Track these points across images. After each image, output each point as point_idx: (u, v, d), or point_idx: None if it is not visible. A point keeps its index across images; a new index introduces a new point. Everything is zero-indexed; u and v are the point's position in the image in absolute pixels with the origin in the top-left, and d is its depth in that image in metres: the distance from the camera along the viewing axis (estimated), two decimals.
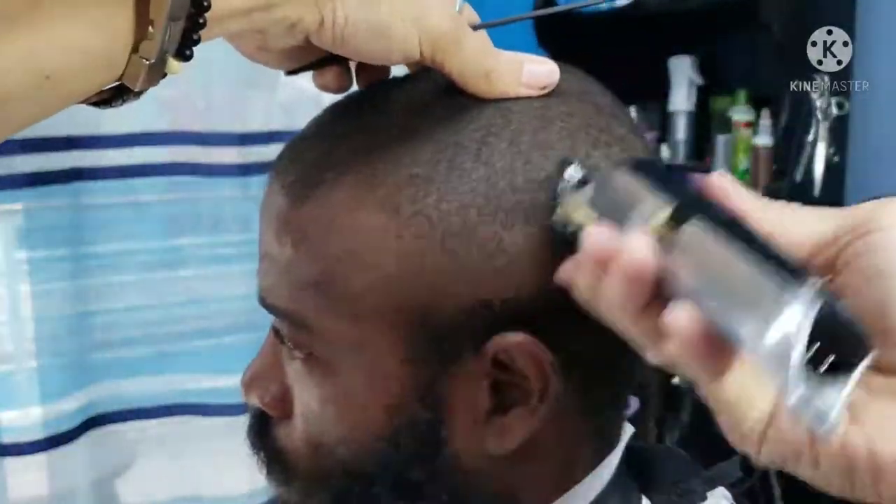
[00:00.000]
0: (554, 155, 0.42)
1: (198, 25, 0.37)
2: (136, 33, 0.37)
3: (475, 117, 0.43)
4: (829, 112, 1.35)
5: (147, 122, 1.38)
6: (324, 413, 0.46)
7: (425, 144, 0.42)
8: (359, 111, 0.46)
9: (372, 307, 0.43)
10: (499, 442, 0.44)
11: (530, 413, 0.43)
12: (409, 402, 0.44)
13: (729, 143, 1.77)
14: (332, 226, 0.43)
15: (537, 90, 0.44)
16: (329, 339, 0.44)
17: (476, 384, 0.43)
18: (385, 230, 0.42)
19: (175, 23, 0.36)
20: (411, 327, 0.42)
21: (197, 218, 1.55)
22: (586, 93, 0.46)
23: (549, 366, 0.42)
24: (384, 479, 0.45)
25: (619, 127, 0.45)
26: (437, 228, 0.41)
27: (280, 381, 0.48)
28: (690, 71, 1.84)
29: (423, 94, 0.45)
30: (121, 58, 0.37)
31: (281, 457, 0.49)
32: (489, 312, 0.42)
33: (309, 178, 0.44)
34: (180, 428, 1.46)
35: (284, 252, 0.44)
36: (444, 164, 0.42)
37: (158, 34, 0.36)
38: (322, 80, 0.48)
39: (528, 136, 0.42)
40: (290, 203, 0.44)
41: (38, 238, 1.37)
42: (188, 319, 1.51)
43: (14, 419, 1.37)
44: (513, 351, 0.42)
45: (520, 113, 0.43)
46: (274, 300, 0.46)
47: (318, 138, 0.46)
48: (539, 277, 0.41)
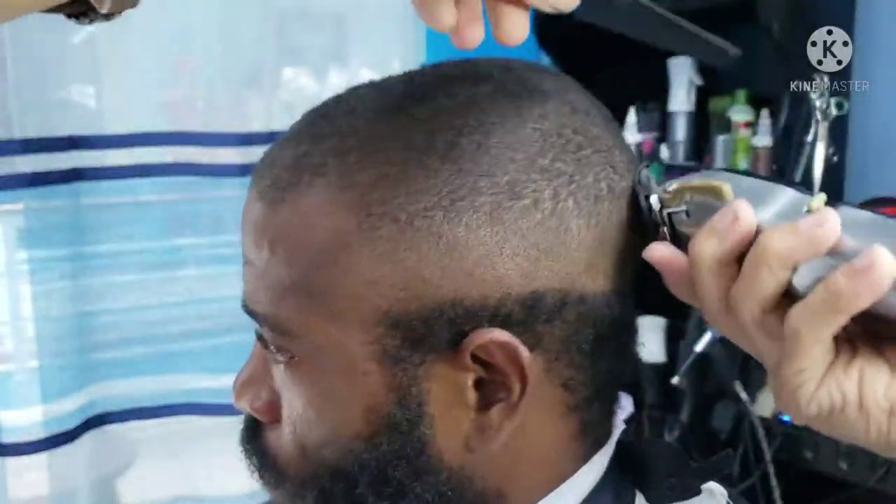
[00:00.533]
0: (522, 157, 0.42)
1: None
2: None
3: (448, 119, 0.43)
4: (829, 112, 1.35)
5: (148, 122, 1.38)
6: (308, 416, 0.46)
7: (397, 145, 0.42)
8: (333, 114, 0.46)
9: (347, 309, 0.43)
10: (482, 440, 0.45)
11: (512, 409, 0.44)
12: (388, 402, 0.44)
13: (728, 143, 1.77)
14: (307, 229, 0.43)
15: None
16: (308, 341, 0.44)
17: (456, 382, 0.43)
18: (357, 232, 0.42)
19: None
20: (386, 327, 0.42)
21: (197, 218, 1.56)
22: (562, 93, 0.46)
23: (525, 361, 0.43)
24: (367, 478, 0.45)
25: (594, 127, 0.45)
26: (406, 229, 0.42)
27: (269, 386, 0.49)
28: (690, 71, 1.84)
29: (399, 97, 0.45)
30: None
31: (272, 461, 0.49)
32: (462, 311, 0.42)
33: (283, 182, 0.44)
34: (180, 428, 1.47)
35: (262, 257, 0.44)
36: (412, 164, 0.42)
37: None
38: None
39: (498, 137, 0.43)
40: (266, 208, 0.44)
41: (39, 238, 1.37)
42: (188, 319, 1.51)
43: (14, 419, 1.37)
44: (490, 347, 0.42)
45: (493, 114, 0.43)
46: (254, 306, 0.46)
47: (293, 142, 0.46)
48: (510, 276, 0.42)
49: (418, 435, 0.44)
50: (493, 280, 0.42)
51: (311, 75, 1.57)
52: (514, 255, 0.42)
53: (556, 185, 0.42)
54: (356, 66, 1.63)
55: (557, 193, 0.42)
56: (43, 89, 1.33)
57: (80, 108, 1.38)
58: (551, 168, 0.42)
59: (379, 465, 0.45)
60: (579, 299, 0.43)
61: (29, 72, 1.30)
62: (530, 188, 0.42)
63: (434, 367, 0.44)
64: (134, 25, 0.34)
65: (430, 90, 0.44)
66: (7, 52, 1.28)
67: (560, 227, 0.42)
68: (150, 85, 1.43)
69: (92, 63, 1.36)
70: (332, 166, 0.43)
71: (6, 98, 1.29)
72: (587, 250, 0.43)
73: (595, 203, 0.43)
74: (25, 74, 1.30)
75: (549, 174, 0.42)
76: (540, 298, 0.42)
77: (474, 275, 0.42)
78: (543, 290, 0.42)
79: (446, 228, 0.42)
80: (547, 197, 0.42)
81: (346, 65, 1.64)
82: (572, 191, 0.43)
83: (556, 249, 0.42)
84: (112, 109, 1.38)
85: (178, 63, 1.44)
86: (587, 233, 0.43)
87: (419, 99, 0.44)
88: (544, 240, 0.42)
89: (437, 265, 0.42)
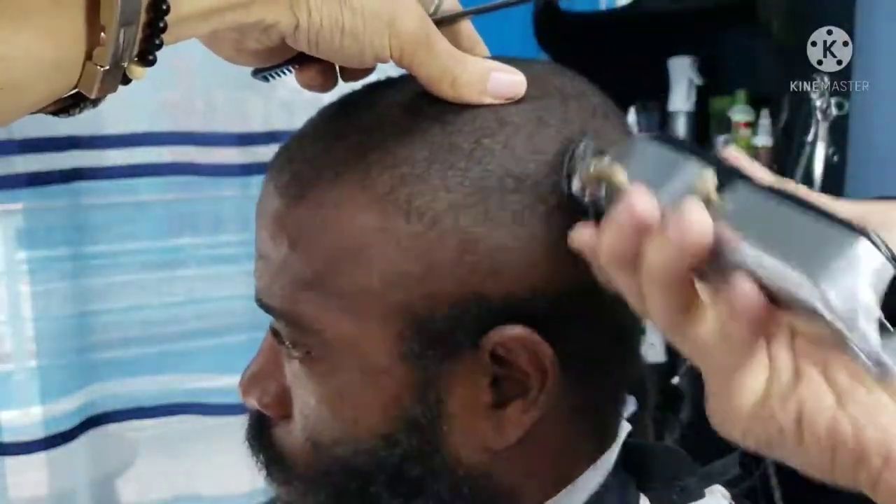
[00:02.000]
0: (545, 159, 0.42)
1: (158, 29, 0.37)
2: (89, 40, 0.36)
3: (470, 118, 0.43)
4: (829, 112, 1.35)
5: (147, 122, 1.38)
6: (322, 412, 0.46)
7: (420, 144, 0.42)
8: (354, 111, 0.46)
9: (367, 305, 0.43)
10: (498, 437, 0.44)
11: (529, 407, 0.44)
12: (406, 400, 0.44)
13: (728, 143, 1.77)
14: (327, 225, 0.43)
15: (501, 99, 0.44)
16: (326, 338, 0.44)
17: (475, 380, 0.44)
18: (379, 229, 0.42)
19: (128, 27, 0.36)
20: (407, 325, 0.42)
21: (197, 218, 1.56)
22: (582, 95, 0.46)
23: (547, 359, 0.43)
24: (383, 476, 0.45)
25: (613, 130, 0.45)
26: (430, 227, 0.42)
27: (279, 381, 0.48)
28: (690, 71, 1.84)
29: (419, 94, 0.45)
30: (74, 65, 0.36)
31: (280, 457, 0.49)
32: (484, 308, 0.42)
33: (304, 178, 0.44)
34: (180, 428, 1.47)
35: (280, 252, 0.44)
36: (437, 163, 0.42)
37: (111, 40, 0.35)
38: (304, 79, 0.48)
39: (522, 138, 0.43)
40: (286, 203, 0.44)
41: (38, 238, 1.37)
42: (188, 319, 1.51)
43: (14, 419, 1.37)
44: (510, 345, 0.42)
45: (516, 115, 0.44)
46: (270, 300, 0.46)
47: (313, 139, 0.46)
48: (533, 274, 0.42)
49: (436, 432, 0.44)
50: (516, 279, 0.42)
51: None
52: (537, 255, 0.42)
53: None
54: None
55: None
56: None
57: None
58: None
59: (395, 464, 0.45)
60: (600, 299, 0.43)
61: None
62: (554, 190, 0.42)
63: (454, 365, 0.43)
64: None
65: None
66: None
67: None
68: (150, 85, 1.43)
69: None
70: (354, 164, 0.43)
71: None
72: None
73: None
74: None
75: None
76: (561, 298, 0.42)
77: (497, 273, 0.42)
78: (565, 290, 0.42)
79: (470, 227, 0.42)
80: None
81: None
82: None
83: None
84: (111, 109, 1.38)
85: (177, 63, 1.44)
86: None
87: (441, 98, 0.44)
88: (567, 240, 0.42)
89: (460, 263, 0.42)
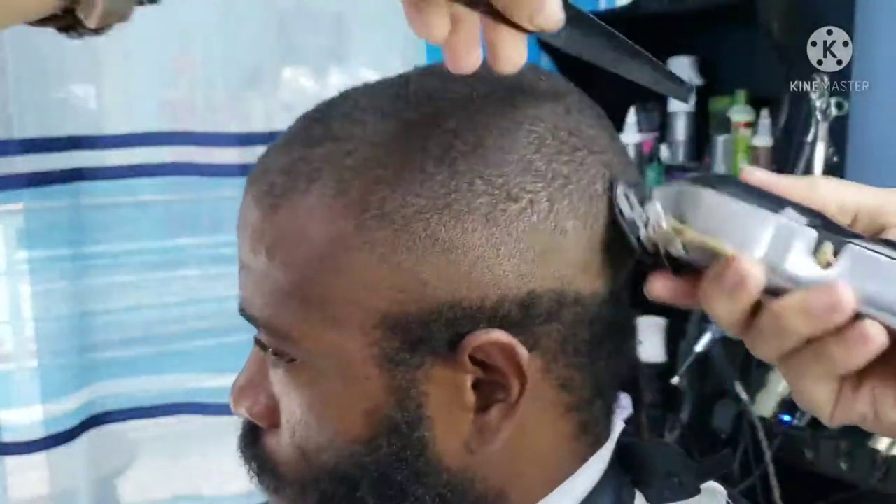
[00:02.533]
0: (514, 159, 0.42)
1: None
2: None
3: (444, 122, 0.43)
4: (829, 112, 1.35)
5: (148, 122, 1.38)
6: (307, 420, 0.46)
7: (391, 149, 0.42)
8: (327, 119, 0.46)
9: (345, 313, 0.43)
10: (482, 441, 0.45)
11: (511, 410, 0.44)
12: (387, 405, 0.44)
13: (728, 143, 1.77)
14: (303, 233, 0.43)
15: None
16: (307, 345, 0.44)
17: (456, 384, 0.44)
18: (354, 236, 0.42)
19: None
20: (385, 331, 0.43)
21: (197, 218, 1.56)
22: (556, 94, 0.46)
23: (524, 361, 0.43)
24: (369, 482, 0.45)
25: (589, 128, 0.45)
26: (402, 232, 0.42)
27: (267, 391, 0.49)
28: (690, 71, 1.84)
29: (393, 100, 0.45)
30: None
31: (271, 465, 0.49)
32: (460, 312, 0.42)
33: (278, 188, 0.44)
34: (180, 427, 1.47)
35: (259, 263, 0.44)
36: (408, 167, 0.42)
37: None
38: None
39: (492, 139, 0.43)
40: (262, 213, 0.44)
41: (39, 238, 1.37)
42: (188, 319, 1.52)
43: (14, 418, 1.38)
44: (488, 348, 0.42)
45: (489, 116, 0.43)
46: (252, 310, 0.46)
47: (288, 147, 0.46)
48: (507, 277, 0.42)
49: (418, 437, 0.44)
50: (491, 281, 0.42)
51: (311, 75, 1.57)
52: (510, 256, 0.42)
53: (551, 186, 0.42)
54: (356, 66, 1.63)
55: (553, 195, 0.42)
56: (43, 89, 1.33)
57: (80, 107, 1.39)
58: (546, 170, 0.42)
59: (379, 468, 0.45)
60: (576, 300, 0.43)
61: (29, 72, 1.30)
62: (526, 190, 0.42)
63: (433, 369, 0.43)
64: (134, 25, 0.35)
65: (423, 93, 0.44)
66: (7, 53, 1.29)
67: (556, 228, 0.42)
68: (150, 85, 1.43)
69: (92, 63, 1.36)
70: (328, 171, 0.43)
71: (6, 98, 1.29)
72: (583, 251, 0.43)
73: (590, 204, 0.43)
74: (25, 74, 1.30)
75: (545, 176, 0.42)
76: (537, 299, 0.42)
77: (471, 276, 0.42)
78: (540, 291, 0.42)
79: (442, 231, 0.42)
80: (542, 199, 0.42)
81: (346, 65, 1.64)
82: (568, 192, 0.42)
83: (553, 250, 0.42)
84: (112, 109, 1.38)
85: (177, 63, 1.44)
86: (583, 234, 0.43)
87: (413, 102, 0.44)
88: (540, 241, 0.42)
89: (434, 267, 0.42)
